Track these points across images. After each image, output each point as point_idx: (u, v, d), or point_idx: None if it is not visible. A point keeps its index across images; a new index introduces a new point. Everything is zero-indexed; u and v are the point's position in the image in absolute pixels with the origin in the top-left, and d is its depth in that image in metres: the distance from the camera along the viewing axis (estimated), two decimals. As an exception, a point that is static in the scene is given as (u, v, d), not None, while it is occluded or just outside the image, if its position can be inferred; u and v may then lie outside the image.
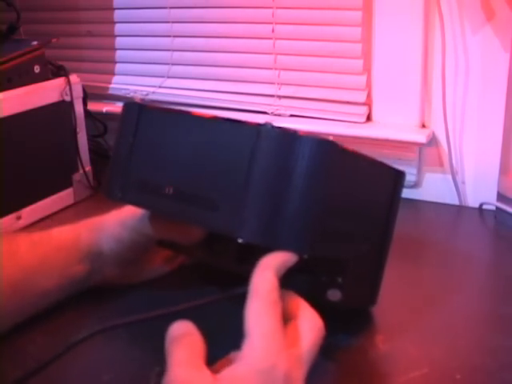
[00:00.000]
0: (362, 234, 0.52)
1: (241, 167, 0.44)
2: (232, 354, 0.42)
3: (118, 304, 0.60)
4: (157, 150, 0.50)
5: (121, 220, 0.58)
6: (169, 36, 0.99)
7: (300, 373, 0.40)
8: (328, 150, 0.44)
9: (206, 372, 0.39)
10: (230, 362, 0.40)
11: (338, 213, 0.47)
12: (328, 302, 0.51)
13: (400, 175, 0.55)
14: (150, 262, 0.63)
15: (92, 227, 0.59)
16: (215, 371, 0.39)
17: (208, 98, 0.97)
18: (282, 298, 0.42)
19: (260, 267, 0.43)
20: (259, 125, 0.45)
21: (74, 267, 0.58)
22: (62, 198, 0.88)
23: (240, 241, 0.43)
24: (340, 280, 0.51)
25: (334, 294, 0.51)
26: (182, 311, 0.43)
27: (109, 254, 0.58)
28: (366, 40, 0.84)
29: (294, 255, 0.44)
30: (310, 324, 0.42)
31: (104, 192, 0.55)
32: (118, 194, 0.52)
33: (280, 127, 0.44)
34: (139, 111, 0.52)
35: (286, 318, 0.42)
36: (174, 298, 0.62)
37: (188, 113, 0.51)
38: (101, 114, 1.00)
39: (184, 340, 0.40)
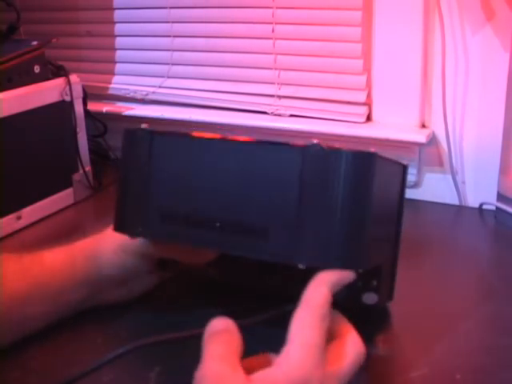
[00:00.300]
0: (389, 234, 0.52)
1: (290, 191, 0.43)
2: (269, 355, 0.41)
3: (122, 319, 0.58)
4: (184, 179, 0.47)
5: (121, 244, 0.54)
6: (169, 36, 0.99)
7: None
8: (373, 163, 0.44)
9: (239, 370, 0.38)
10: (263, 362, 0.40)
11: (377, 220, 0.46)
12: (363, 305, 0.51)
13: (405, 169, 0.55)
14: (146, 274, 0.59)
15: (89, 254, 0.55)
16: (248, 367, 0.39)
17: (208, 98, 0.97)
18: (330, 316, 0.42)
19: (316, 281, 0.42)
20: (304, 146, 0.43)
21: (68, 295, 0.55)
22: (62, 198, 0.88)
23: (301, 266, 0.42)
24: (375, 283, 0.51)
25: (371, 298, 0.51)
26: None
27: (108, 280, 0.56)
28: (366, 40, 0.84)
29: (351, 273, 0.43)
30: (352, 347, 0.42)
31: (119, 228, 0.51)
32: (138, 228, 0.49)
33: (325, 146, 0.43)
34: (151, 138, 0.48)
35: (330, 337, 0.42)
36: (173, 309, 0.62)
37: (215, 137, 0.47)
38: (101, 113, 1.00)
39: (221, 336, 0.40)
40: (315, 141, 0.43)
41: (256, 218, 0.44)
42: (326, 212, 0.42)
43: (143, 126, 0.50)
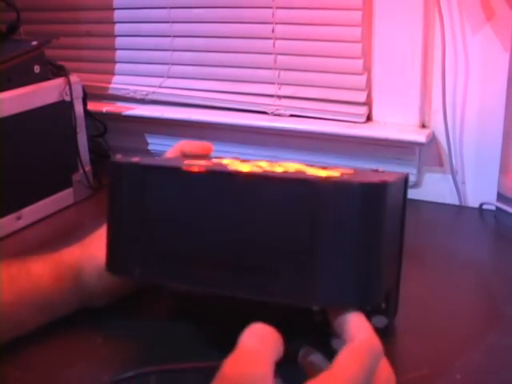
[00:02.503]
0: (394, 252, 0.49)
1: (298, 228, 0.40)
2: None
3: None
4: (182, 216, 0.44)
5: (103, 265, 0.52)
6: (169, 36, 0.99)
7: None
8: (384, 193, 0.42)
9: (270, 375, 0.35)
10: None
11: (387, 247, 0.44)
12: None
13: (406, 179, 0.52)
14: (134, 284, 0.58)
15: (77, 266, 0.54)
16: None
17: (208, 98, 0.97)
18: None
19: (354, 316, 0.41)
20: (311, 180, 0.41)
21: (56, 306, 0.55)
22: (62, 197, 0.88)
23: (315, 308, 0.40)
24: (384, 306, 0.49)
25: (380, 321, 0.50)
26: None
27: (97, 291, 0.55)
28: (366, 40, 0.84)
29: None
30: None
31: (113, 270, 0.48)
32: (136, 271, 0.45)
33: (332, 179, 0.41)
34: (143, 173, 0.45)
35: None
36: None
37: (214, 171, 0.44)
38: (101, 113, 1.00)
39: (262, 334, 0.37)
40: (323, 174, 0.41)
41: (263, 258, 0.41)
42: (340, 249, 0.40)
43: (134, 159, 0.47)
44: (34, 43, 0.84)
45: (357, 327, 0.40)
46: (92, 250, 0.55)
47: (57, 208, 0.87)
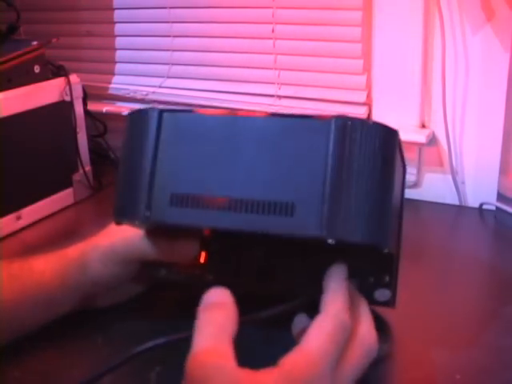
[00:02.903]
0: (395, 227, 0.49)
1: (316, 165, 0.41)
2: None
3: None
4: (196, 159, 0.44)
5: (106, 253, 0.53)
6: (169, 36, 0.99)
7: None
8: (397, 138, 0.44)
9: (230, 357, 0.37)
10: None
11: (392, 203, 0.45)
12: (376, 303, 0.50)
13: (405, 168, 0.53)
14: (135, 280, 0.57)
15: (78, 264, 0.54)
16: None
17: (208, 98, 0.97)
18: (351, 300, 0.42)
19: (333, 286, 0.42)
20: (329, 118, 0.42)
21: (58, 304, 0.54)
22: (62, 197, 0.88)
23: (331, 242, 0.40)
24: (387, 279, 0.50)
25: (383, 294, 0.50)
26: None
27: (98, 288, 0.55)
28: (366, 40, 0.84)
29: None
30: (363, 341, 0.42)
31: (121, 216, 0.47)
32: (146, 213, 0.44)
33: (351, 118, 0.42)
34: (159, 117, 0.45)
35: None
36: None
37: (229, 113, 0.45)
38: (101, 113, 1.00)
39: (215, 312, 0.39)
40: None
41: (279, 194, 0.41)
42: (355, 186, 0.41)
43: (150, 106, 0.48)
44: (34, 43, 0.84)
45: (330, 300, 0.41)
46: (95, 240, 0.55)
47: (57, 208, 0.87)
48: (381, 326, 0.46)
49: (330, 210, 0.40)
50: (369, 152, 0.41)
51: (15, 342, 0.52)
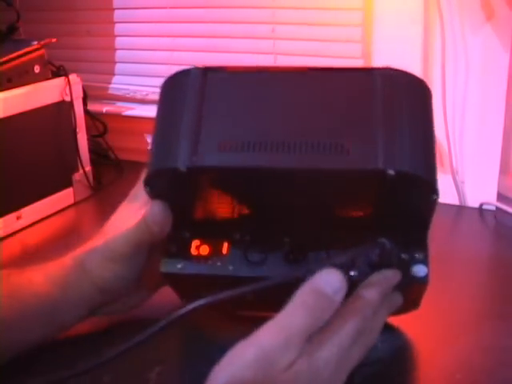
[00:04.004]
0: None
1: (370, 106, 0.43)
2: None
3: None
4: (243, 109, 0.44)
5: (106, 255, 0.51)
6: (169, 36, 0.99)
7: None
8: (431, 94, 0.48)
9: None
10: None
11: None
12: (413, 280, 0.48)
13: None
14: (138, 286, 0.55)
15: (79, 271, 0.52)
16: None
17: (208, 98, 0.97)
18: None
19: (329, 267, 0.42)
20: (375, 69, 0.45)
21: (62, 316, 0.52)
22: (62, 197, 0.88)
23: (390, 172, 0.41)
24: (421, 256, 0.50)
25: (420, 270, 0.49)
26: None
27: (107, 296, 0.53)
28: (366, 40, 0.84)
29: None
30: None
31: (162, 164, 0.45)
32: (192, 158, 0.42)
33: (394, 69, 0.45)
34: (202, 76, 0.46)
35: None
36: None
37: (276, 69, 0.47)
38: (101, 113, 1.00)
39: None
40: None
41: (334, 135, 0.42)
42: (407, 125, 0.43)
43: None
44: (34, 43, 0.84)
45: (317, 275, 0.41)
46: (91, 244, 0.52)
47: (57, 208, 0.87)
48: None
49: (386, 145, 0.41)
50: (413, 95, 0.45)
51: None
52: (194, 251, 0.49)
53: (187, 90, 0.46)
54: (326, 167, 0.41)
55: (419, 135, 0.44)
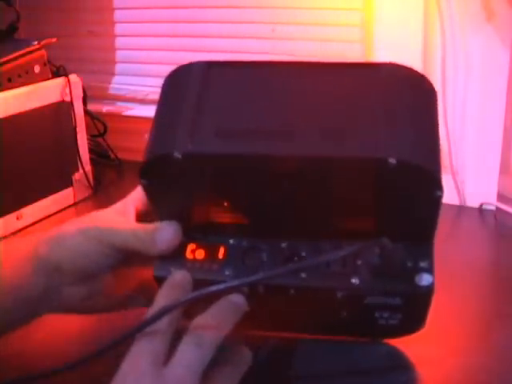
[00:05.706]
0: None
1: (375, 97, 0.42)
2: None
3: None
4: (244, 100, 0.44)
5: (81, 228, 0.49)
6: (169, 36, 0.99)
7: None
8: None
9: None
10: None
11: None
12: (418, 290, 0.48)
13: None
14: (115, 290, 0.53)
15: (49, 239, 0.50)
16: None
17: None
18: None
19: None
20: (379, 65, 0.44)
21: (27, 279, 0.48)
22: (62, 197, 0.88)
23: (392, 161, 0.40)
24: (425, 265, 0.49)
25: (424, 278, 0.48)
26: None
27: (68, 269, 0.49)
28: (366, 40, 0.84)
29: None
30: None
31: (158, 150, 0.44)
32: (187, 146, 0.42)
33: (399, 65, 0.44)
34: (205, 70, 0.45)
35: None
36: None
37: (277, 63, 0.46)
38: (101, 113, 1.00)
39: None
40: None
41: (335, 123, 0.41)
42: (410, 116, 0.43)
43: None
44: (35, 43, 0.84)
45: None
46: (70, 220, 0.52)
47: (57, 208, 0.87)
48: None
49: (388, 135, 0.41)
50: (417, 88, 0.44)
51: (14, 341, 0.51)
52: (189, 255, 0.48)
53: (188, 82, 0.46)
54: (326, 155, 0.41)
55: (422, 127, 0.44)
